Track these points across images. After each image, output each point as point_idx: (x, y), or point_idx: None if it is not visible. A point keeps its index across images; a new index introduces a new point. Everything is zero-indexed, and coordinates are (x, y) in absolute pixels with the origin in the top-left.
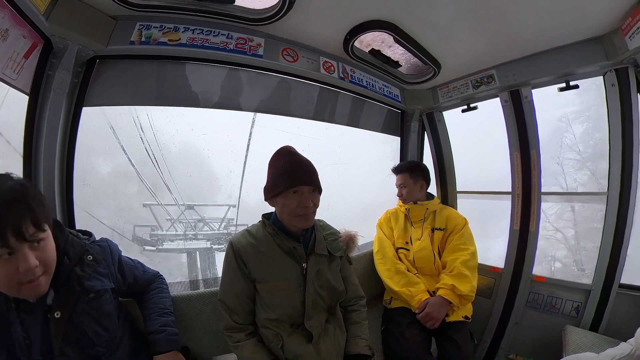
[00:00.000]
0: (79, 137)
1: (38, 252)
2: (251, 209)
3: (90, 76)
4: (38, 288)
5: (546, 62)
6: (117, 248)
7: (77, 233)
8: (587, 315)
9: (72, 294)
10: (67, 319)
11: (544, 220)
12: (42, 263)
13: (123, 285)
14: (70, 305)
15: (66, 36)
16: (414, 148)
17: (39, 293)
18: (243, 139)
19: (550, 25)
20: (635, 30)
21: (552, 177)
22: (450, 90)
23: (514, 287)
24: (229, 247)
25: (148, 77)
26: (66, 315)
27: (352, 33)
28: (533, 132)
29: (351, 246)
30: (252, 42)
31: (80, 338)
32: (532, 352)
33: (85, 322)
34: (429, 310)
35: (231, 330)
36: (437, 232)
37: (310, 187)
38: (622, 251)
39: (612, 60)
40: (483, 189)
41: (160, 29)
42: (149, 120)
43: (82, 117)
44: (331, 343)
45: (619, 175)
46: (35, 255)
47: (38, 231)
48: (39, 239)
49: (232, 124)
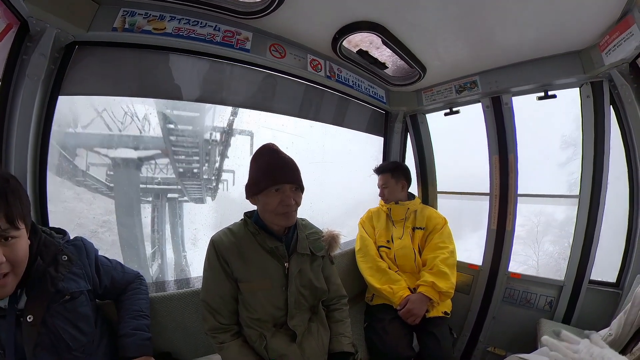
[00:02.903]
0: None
1: (6, 249)
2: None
3: (69, 63)
4: (3, 289)
5: (527, 72)
6: (93, 247)
7: (50, 232)
8: (560, 309)
9: (45, 296)
10: (40, 323)
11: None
12: (9, 261)
13: (100, 287)
14: (43, 308)
15: (44, 18)
16: (397, 148)
17: (3, 294)
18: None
19: (533, 37)
20: (612, 47)
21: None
22: (434, 93)
23: (491, 283)
24: (210, 245)
25: (129, 67)
26: (39, 318)
27: (341, 32)
28: (511, 137)
29: (333, 246)
30: (240, 35)
31: (56, 342)
32: (509, 345)
33: (60, 325)
34: (410, 307)
35: (216, 331)
36: (418, 231)
37: (292, 185)
38: (592, 250)
39: (588, 74)
40: (463, 189)
41: (145, 17)
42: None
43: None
44: (315, 342)
45: (590, 179)
46: (2, 251)
47: (10, 228)
48: (10, 235)
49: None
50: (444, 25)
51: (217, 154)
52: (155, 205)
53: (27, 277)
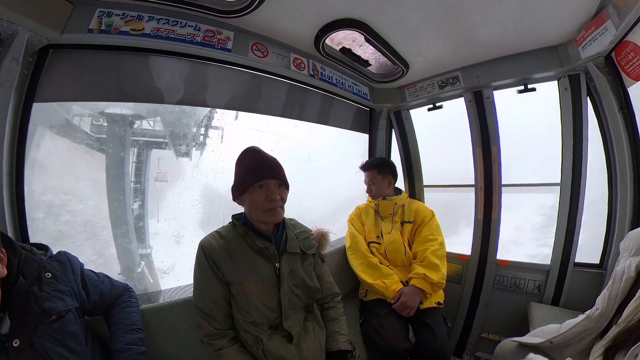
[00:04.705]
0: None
1: None
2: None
3: (43, 68)
4: None
5: (507, 67)
6: (78, 261)
7: (31, 248)
8: (548, 292)
9: (30, 318)
10: (28, 347)
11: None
12: None
13: (88, 303)
14: (29, 331)
15: (16, 20)
16: (382, 145)
17: None
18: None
19: (512, 33)
20: (588, 42)
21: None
22: (417, 89)
23: (480, 272)
24: (199, 249)
25: (107, 70)
26: (26, 342)
27: (323, 30)
28: (494, 130)
29: (323, 243)
30: (221, 35)
31: None
32: (502, 329)
33: (49, 347)
34: (404, 300)
35: (212, 337)
36: (407, 225)
37: (276, 181)
38: (575, 234)
39: (565, 67)
40: (448, 182)
41: (122, 17)
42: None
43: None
44: (312, 341)
45: (571, 167)
46: None
47: None
48: None
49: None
50: (426, 22)
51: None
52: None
53: (9, 298)
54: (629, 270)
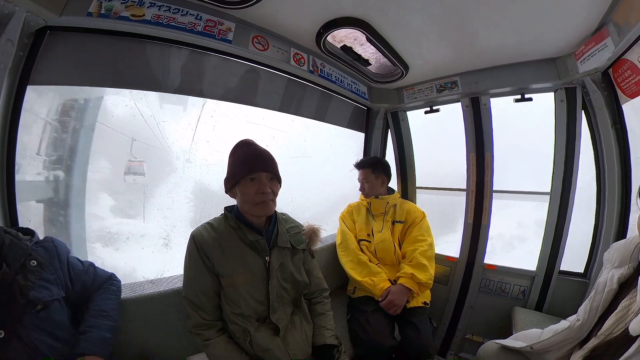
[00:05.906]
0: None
1: None
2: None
3: (39, 50)
4: None
5: (506, 75)
6: (65, 247)
7: (16, 233)
8: (533, 298)
9: (15, 309)
10: (14, 337)
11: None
12: None
13: (72, 293)
14: (15, 322)
15: (13, 0)
16: (377, 144)
17: None
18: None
19: (513, 43)
20: (587, 56)
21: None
22: (415, 92)
23: (468, 274)
24: (191, 240)
25: (104, 55)
26: (12, 333)
27: (325, 27)
28: (488, 136)
29: (314, 239)
30: (222, 25)
31: (33, 355)
32: (486, 331)
33: (36, 336)
34: (391, 298)
35: (200, 327)
36: (397, 225)
37: (268, 174)
38: (561, 242)
39: (563, 80)
40: (441, 185)
41: (123, 2)
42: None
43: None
44: (299, 335)
45: (561, 178)
46: None
47: None
48: None
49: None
50: (429, 26)
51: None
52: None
53: None
54: (611, 282)
